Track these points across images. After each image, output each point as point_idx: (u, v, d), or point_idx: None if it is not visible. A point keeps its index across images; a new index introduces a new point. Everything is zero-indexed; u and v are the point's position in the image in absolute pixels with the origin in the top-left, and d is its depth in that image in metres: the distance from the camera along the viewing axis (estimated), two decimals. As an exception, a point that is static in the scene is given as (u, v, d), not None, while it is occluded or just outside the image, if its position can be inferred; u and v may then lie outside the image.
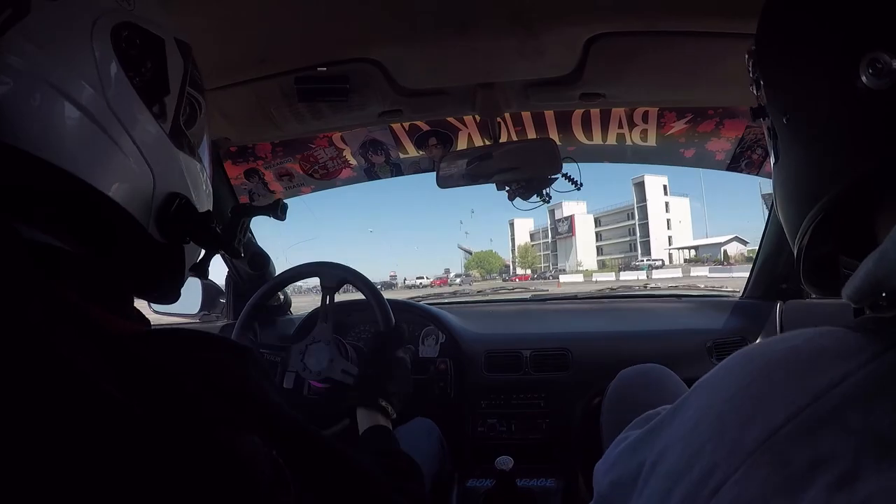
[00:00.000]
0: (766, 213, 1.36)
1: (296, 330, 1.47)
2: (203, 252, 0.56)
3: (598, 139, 1.50)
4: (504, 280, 66.40)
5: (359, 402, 0.85)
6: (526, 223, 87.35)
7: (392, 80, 1.05)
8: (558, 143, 1.40)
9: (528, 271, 78.08)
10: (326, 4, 0.83)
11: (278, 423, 0.40)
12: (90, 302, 0.37)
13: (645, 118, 1.42)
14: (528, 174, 1.16)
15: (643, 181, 62.03)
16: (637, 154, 1.55)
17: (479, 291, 2.17)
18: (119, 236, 0.42)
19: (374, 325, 1.17)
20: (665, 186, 63.46)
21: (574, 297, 1.90)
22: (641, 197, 63.45)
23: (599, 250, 71.39)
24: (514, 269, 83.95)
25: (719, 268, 38.77)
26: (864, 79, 0.31)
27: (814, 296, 0.70)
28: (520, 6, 0.85)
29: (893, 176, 0.32)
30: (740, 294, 1.57)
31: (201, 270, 0.58)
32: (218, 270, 1.53)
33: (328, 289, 1.15)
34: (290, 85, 1.02)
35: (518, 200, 1.22)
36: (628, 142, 1.50)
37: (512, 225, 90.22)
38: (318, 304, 1.17)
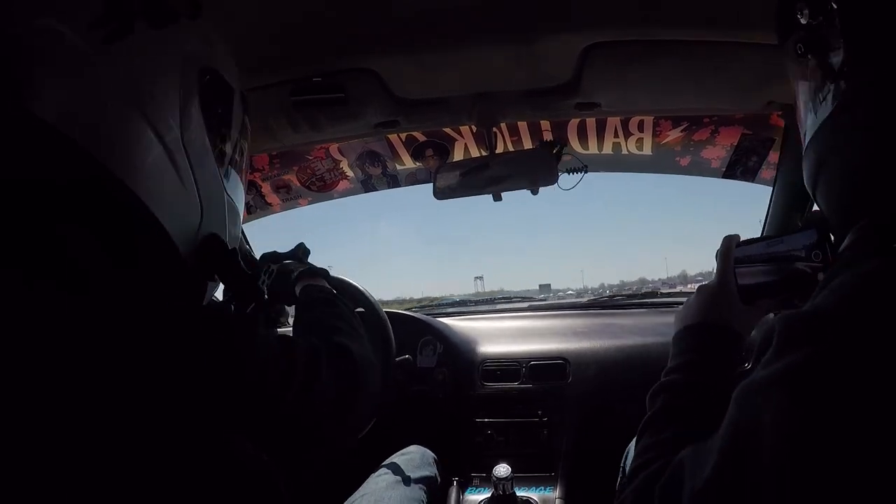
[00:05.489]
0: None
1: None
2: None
3: (594, 149, 1.51)
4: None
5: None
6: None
7: (388, 90, 1.05)
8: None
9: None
10: (322, 14, 0.83)
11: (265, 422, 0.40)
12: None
13: (640, 127, 1.42)
14: (524, 184, 1.16)
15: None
16: (633, 163, 1.55)
17: (476, 301, 2.16)
18: (159, 258, 0.43)
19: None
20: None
21: (573, 306, 1.89)
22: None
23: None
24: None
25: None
26: None
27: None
28: (517, 16, 0.85)
29: None
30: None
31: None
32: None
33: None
34: (286, 95, 1.02)
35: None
36: (624, 150, 1.51)
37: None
38: None
